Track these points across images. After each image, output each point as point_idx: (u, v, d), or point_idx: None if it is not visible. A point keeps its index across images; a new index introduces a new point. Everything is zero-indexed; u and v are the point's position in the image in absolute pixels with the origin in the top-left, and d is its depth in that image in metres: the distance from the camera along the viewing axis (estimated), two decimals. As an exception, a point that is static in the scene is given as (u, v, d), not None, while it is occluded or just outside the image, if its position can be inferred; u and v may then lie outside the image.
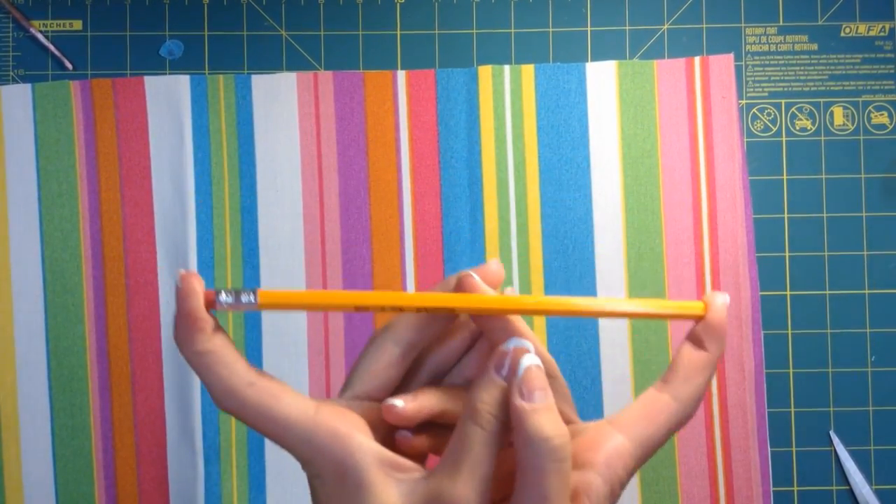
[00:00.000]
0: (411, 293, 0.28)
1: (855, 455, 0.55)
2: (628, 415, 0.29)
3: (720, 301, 0.30)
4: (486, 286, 0.29)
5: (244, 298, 0.27)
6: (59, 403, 0.54)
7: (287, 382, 0.29)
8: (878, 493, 0.55)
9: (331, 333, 0.55)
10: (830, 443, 0.55)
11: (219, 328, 0.28)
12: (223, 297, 0.27)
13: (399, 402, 0.29)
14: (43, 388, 0.54)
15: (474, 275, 0.29)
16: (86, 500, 0.54)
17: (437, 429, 0.30)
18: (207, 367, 0.27)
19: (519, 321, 0.29)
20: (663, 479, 0.55)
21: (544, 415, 0.26)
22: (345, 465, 0.26)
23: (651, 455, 0.29)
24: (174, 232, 0.55)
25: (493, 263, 0.31)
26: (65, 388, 0.54)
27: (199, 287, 0.27)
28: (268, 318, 0.55)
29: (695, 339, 0.30)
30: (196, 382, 0.54)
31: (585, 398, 0.55)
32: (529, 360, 0.27)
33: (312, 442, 0.27)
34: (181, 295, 0.27)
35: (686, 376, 0.29)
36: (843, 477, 0.55)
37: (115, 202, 0.55)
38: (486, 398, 0.27)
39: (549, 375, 0.29)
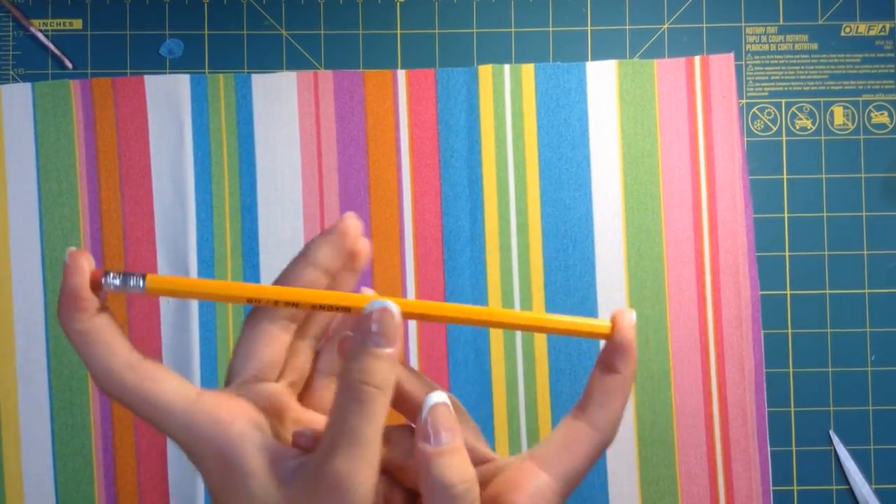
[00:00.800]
0: (309, 290, 0.28)
1: (855, 454, 0.55)
2: (548, 449, 0.28)
3: (627, 320, 0.28)
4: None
5: (132, 282, 0.27)
6: (59, 403, 0.54)
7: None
8: (877, 493, 0.55)
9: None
10: (830, 442, 0.55)
11: (104, 309, 0.27)
12: (110, 279, 0.27)
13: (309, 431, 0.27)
14: (43, 387, 0.54)
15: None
16: (86, 499, 0.54)
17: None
18: (85, 346, 0.26)
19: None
20: (663, 479, 0.55)
21: (448, 458, 0.25)
22: (225, 453, 0.26)
23: (575, 487, 0.28)
24: (174, 232, 0.55)
25: (348, 218, 0.29)
26: (65, 388, 0.54)
27: (85, 266, 0.26)
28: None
29: (605, 362, 0.28)
30: (197, 382, 0.54)
31: (585, 398, 0.55)
32: (436, 399, 0.26)
33: (191, 429, 0.26)
34: (66, 272, 0.26)
35: (600, 402, 0.28)
36: (843, 476, 0.55)
37: (115, 201, 0.55)
38: (358, 367, 0.25)
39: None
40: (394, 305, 0.26)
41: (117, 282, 0.27)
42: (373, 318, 0.25)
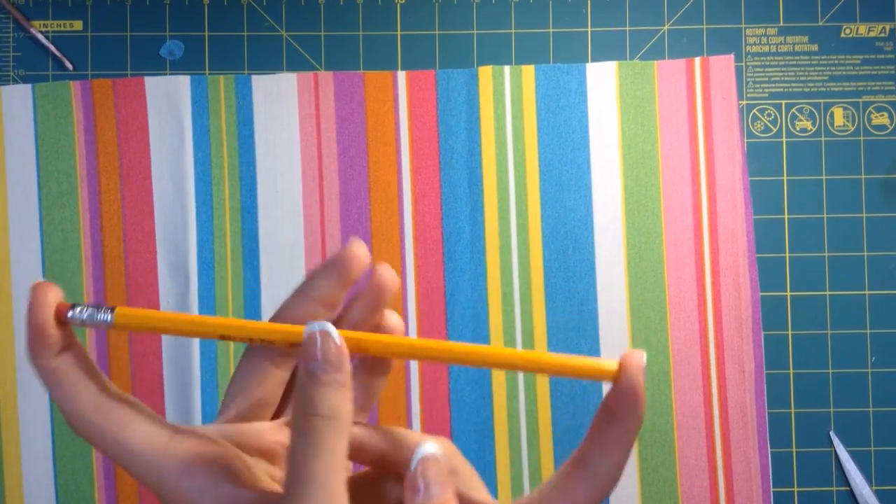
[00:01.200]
0: (286, 326, 0.26)
1: (855, 456, 0.55)
2: (543, 501, 0.26)
3: (636, 361, 0.25)
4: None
5: (99, 316, 0.26)
6: (59, 403, 0.54)
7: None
8: (878, 494, 0.55)
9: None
10: (830, 443, 0.55)
11: (71, 344, 0.26)
12: (76, 312, 0.25)
13: None
14: (43, 388, 0.54)
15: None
16: (86, 500, 0.54)
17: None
18: (53, 385, 0.25)
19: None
20: (663, 479, 0.55)
21: None
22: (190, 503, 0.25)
23: None
24: (174, 232, 0.55)
25: (353, 245, 0.27)
26: (65, 389, 0.54)
27: (51, 299, 0.25)
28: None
29: (608, 407, 0.26)
30: (196, 382, 0.54)
31: (585, 399, 0.55)
32: (427, 450, 0.24)
33: (160, 477, 0.25)
34: (29, 307, 0.25)
35: (600, 453, 0.26)
36: (844, 477, 0.55)
37: (115, 202, 0.55)
38: (302, 397, 0.24)
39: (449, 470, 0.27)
40: (332, 328, 0.24)
41: (83, 315, 0.25)
42: (315, 343, 0.24)
